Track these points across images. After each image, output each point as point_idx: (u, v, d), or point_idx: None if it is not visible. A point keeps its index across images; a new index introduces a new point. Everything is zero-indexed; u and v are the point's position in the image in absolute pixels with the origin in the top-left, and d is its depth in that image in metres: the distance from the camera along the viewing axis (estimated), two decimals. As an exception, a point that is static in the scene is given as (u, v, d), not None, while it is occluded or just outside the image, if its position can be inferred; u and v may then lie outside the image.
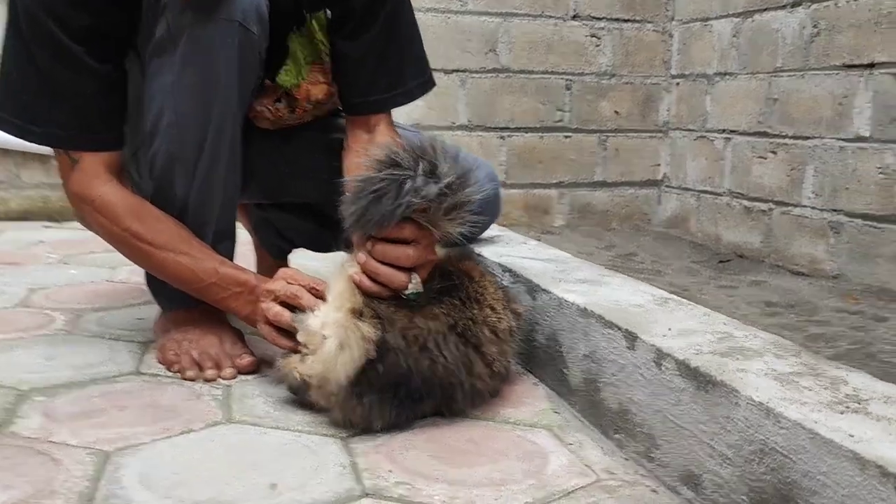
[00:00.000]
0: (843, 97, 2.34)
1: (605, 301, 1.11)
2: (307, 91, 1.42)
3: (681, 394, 0.87)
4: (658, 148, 3.17)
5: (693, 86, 3.00)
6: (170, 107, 1.20)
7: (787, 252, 2.58)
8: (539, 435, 1.06)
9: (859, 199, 2.29)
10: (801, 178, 2.51)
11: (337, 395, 1.01)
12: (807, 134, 2.48)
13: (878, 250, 2.24)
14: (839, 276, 2.37)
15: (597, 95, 3.05)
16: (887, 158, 2.20)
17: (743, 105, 2.75)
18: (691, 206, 3.04)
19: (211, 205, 1.25)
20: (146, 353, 1.34)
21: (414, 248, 1.06)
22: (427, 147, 1.03)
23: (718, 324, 1.00)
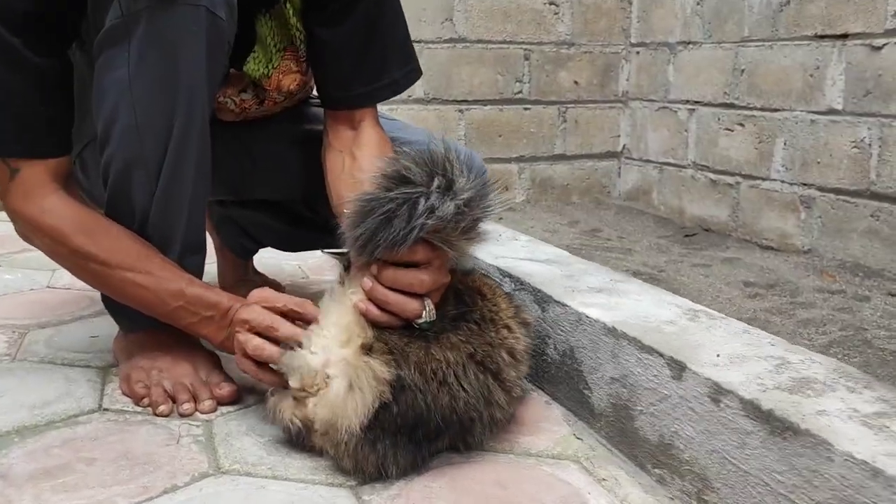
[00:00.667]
0: (815, 69, 2.28)
1: (632, 318, 1.01)
2: (278, 81, 1.27)
3: (747, 437, 0.78)
4: (617, 119, 3.09)
5: (654, 55, 2.91)
6: (126, 106, 1.03)
7: (756, 226, 2.54)
8: (569, 471, 0.96)
9: (831, 173, 2.25)
10: (771, 151, 2.46)
11: (347, 444, 0.89)
12: (776, 106, 2.43)
13: (852, 225, 2.21)
14: (810, 252, 2.34)
15: (556, 65, 2.94)
16: (861, 132, 2.16)
17: (708, 75, 2.68)
18: (653, 179, 2.97)
19: (177, 216, 1.10)
20: (108, 381, 1.19)
21: (427, 271, 0.94)
22: (440, 158, 0.90)
23: (765, 345, 0.92)
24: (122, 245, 1.07)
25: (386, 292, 0.93)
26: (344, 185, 1.15)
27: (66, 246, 1.07)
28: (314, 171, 1.41)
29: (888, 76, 2.06)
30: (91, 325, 1.45)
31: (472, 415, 0.94)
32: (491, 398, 0.97)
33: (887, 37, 2.06)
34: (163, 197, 1.08)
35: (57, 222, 1.07)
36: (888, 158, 2.08)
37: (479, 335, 0.97)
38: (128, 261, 1.06)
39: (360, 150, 1.20)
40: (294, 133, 1.41)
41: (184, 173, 1.07)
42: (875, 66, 2.10)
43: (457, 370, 0.92)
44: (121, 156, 1.06)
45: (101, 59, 1.03)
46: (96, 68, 1.05)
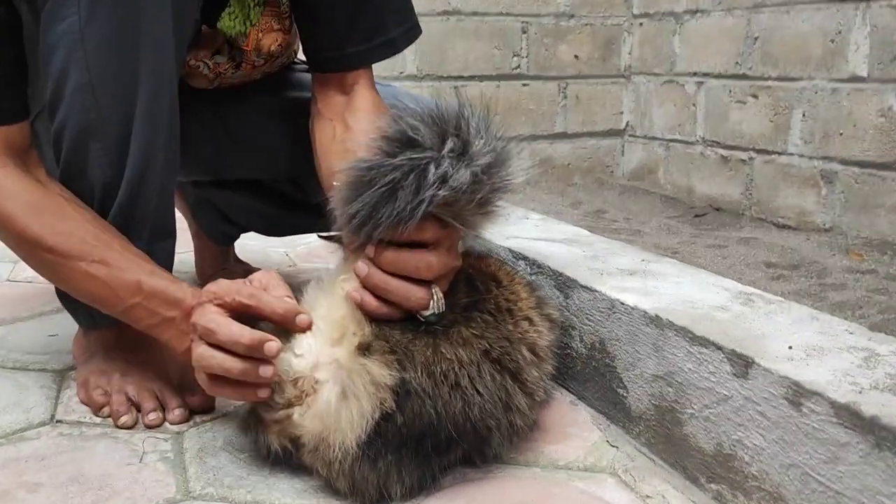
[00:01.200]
0: (837, 33, 2.13)
1: (676, 304, 0.86)
2: (257, 41, 1.11)
3: (841, 450, 0.63)
4: (620, 95, 2.94)
5: (659, 26, 2.75)
6: (78, 62, 0.86)
7: (772, 204, 2.39)
8: (606, 487, 0.81)
9: (855, 144, 2.10)
10: (788, 124, 2.30)
11: (342, 462, 0.73)
12: (793, 75, 2.27)
13: (879, 200, 2.06)
14: (832, 230, 2.19)
15: (555, 39, 2.78)
16: (888, 99, 2.01)
17: (718, 45, 2.52)
18: (659, 157, 2.82)
19: (144, 194, 0.93)
20: (64, 386, 1.03)
21: (435, 252, 0.77)
22: (453, 115, 0.75)
23: (843, 333, 0.76)
24: (75, 229, 0.89)
25: (386, 278, 0.77)
26: (335, 156, 0.99)
27: (13, 230, 0.90)
28: (301, 144, 1.24)
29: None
30: (51, 322, 1.29)
31: (488, 423, 0.79)
32: (510, 403, 0.81)
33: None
34: (129, 173, 0.91)
35: (3, 202, 0.90)
36: (919, 127, 1.94)
37: (494, 328, 0.81)
38: (80, 248, 0.88)
39: (354, 116, 1.03)
40: (276, 102, 1.25)
41: (153, 144, 0.91)
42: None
43: (470, 371, 0.77)
44: (74, 122, 0.89)
45: (48, 6, 0.86)
46: (42, 19, 0.88)
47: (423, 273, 0.77)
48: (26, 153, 0.95)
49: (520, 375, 0.83)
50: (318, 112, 1.07)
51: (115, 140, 0.90)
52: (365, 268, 0.77)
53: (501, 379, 0.80)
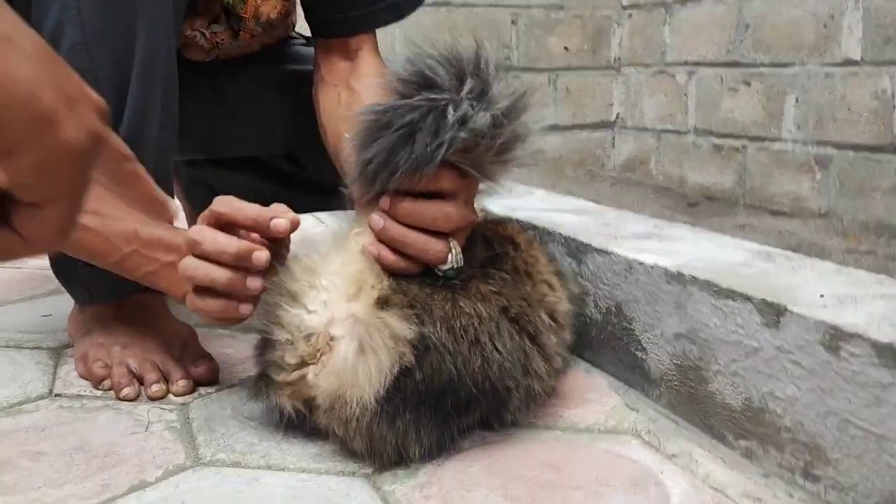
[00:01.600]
0: (829, 17, 2.13)
1: (697, 261, 0.84)
2: (255, 8, 1.08)
3: (883, 391, 0.61)
4: (610, 86, 2.92)
5: (648, 16, 2.75)
6: (73, 19, 0.84)
7: (766, 191, 2.38)
8: (630, 447, 0.79)
9: (850, 128, 2.10)
10: (781, 110, 2.30)
11: (359, 420, 0.70)
12: (786, 61, 2.27)
13: (874, 183, 2.06)
14: (828, 214, 2.19)
15: (545, 30, 2.76)
16: (882, 82, 2.01)
17: (709, 34, 2.52)
18: (650, 147, 2.81)
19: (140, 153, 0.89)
20: (61, 363, 1.00)
21: (453, 203, 0.75)
22: (471, 57, 0.72)
23: (871, 283, 0.75)
24: None
25: (403, 230, 0.74)
26: (342, 122, 0.97)
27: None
28: (300, 118, 1.22)
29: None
30: (43, 304, 1.25)
31: (507, 382, 0.76)
32: (528, 365, 0.79)
33: (910, -23, 1.91)
34: (124, 132, 0.88)
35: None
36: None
37: (513, 287, 0.79)
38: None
39: (359, 81, 1.01)
40: (275, 75, 1.22)
41: (149, 103, 0.88)
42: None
43: (490, 327, 0.74)
44: None
45: None
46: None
47: (441, 224, 0.74)
48: None
49: (538, 339, 0.80)
50: (322, 79, 1.04)
51: (111, 99, 0.87)
52: (380, 220, 0.74)
53: (520, 340, 0.78)
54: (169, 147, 0.95)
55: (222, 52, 1.15)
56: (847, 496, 0.65)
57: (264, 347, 0.76)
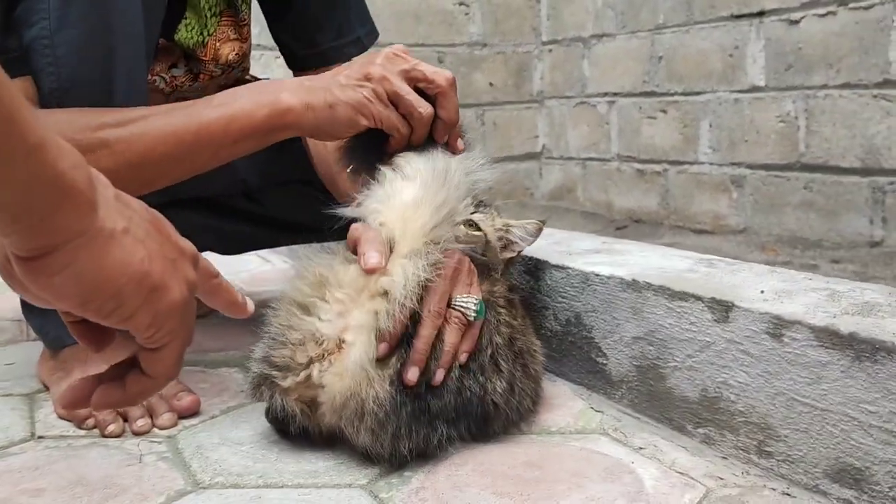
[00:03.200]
0: (734, 48, 2.30)
1: (648, 270, 0.92)
2: (214, 50, 1.12)
3: (824, 369, 0.69)
4: (535, 119, 3.05)
5: (568, 51, 2.89)
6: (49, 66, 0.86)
7: (688, 211, 2.53)
8: (601, 443, 0.86)
9: (760, 150, 2.27)
10: (696, 135, 2.46)
11: (371, 416, 0.76)
12: (698, 89, 2.43)
13: (785, 199, 2.22)
14: (746, 230, 2.34)
15: (470, 67, 2.88)
16: (786, 106, 2.18)
17: (625, 66, 2.67)
18: (576, 176, 2.94)
19: None
20: (37, 408, 1.00)
21: (439, 292, 0.81)
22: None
23: (803, 280, 0.84)
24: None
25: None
26: (333, 152, 1.03)
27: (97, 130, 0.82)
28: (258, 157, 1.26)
29: (808, 48, 2.09)
30: (2, 353, 1.25)
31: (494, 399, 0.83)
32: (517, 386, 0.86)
33: (804, 10, 2.09)
34: None
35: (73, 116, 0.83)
36: (816, 129, 2.10)
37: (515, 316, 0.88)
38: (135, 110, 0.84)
39: None
40: (231, 116, 1.26)
41: None
42: (794, 39, 2.12)
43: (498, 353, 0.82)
44: None
45: (18, 11, 0.86)
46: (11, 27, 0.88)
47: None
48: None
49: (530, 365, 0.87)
50: None
51: None
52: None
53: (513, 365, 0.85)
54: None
55: (180, 96, 1.19)
56: (798, 467, 0.73)
57: (270, 350, 0.80)
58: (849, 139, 2.02)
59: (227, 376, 1.11)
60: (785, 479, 0.74)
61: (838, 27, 2.00)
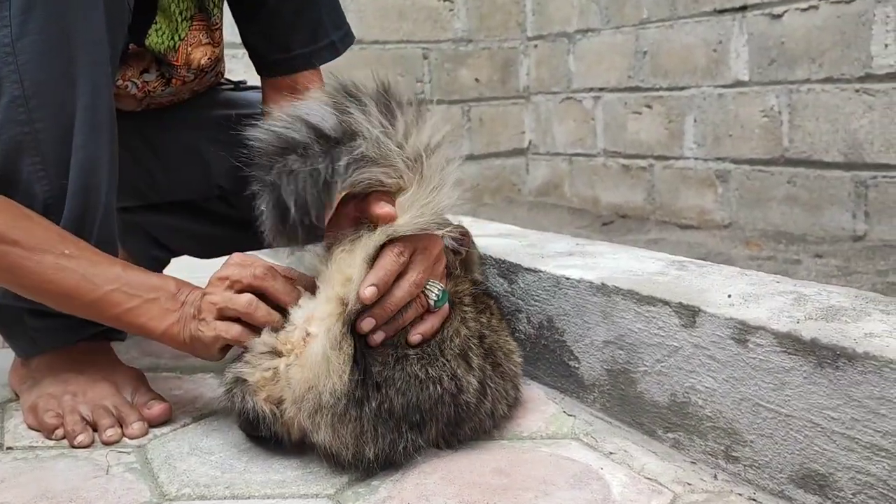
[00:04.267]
0: (718, 43, 2.29)
1: (618, 273, 0.91)
2: (186, 55, 1.11)
3: (787, 375, 0.69)
4: (521, 115, 3.05)
5: (553, 46, 2.88)
6: (11, 74, 0.86)
7: (674, 206, 2.53)
8: (571, 449, 0.85)
9: (744, 144, 2.27)
10: (681, 130, 2.46)
11: (325, 411, 0.75)
12: (682, 84, 2.43)
13: (769, 194, 2.22)
14: (731, 225, 2.34)
15: (455, 63, 2.87)
16: (769, 100, 2.17)
17: (610, 61, 2.67)
18: (563, 171, 2.94)
19: (89, 207, 0.92)
20: (7, 417, 1.00)
21: (413, 269, 0.81)
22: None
23: (770, 283, 0.84)
24: (37, 225, 0.87)
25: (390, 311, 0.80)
26: None
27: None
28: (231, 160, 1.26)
29: (791, 42, 2.09)
30: (-23, 361, 1.24)
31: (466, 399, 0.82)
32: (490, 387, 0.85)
33: (786, 4, 2.08)
34: (73, 186, 0.90)
35: None
36: (799, 124, 2.10)
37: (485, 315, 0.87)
38: (47, 241, 0.86)
39: None
40: (204, 119, 1.25)
41: (96, 155, 0.91)
42: (777, 34, 2.12)
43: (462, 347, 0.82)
44: (7, 137, 0.87)
45: None
46: None
47: (415, 291, 0.81)
48: None
49: (502, 365, 0.87)
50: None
51: (52, 153, 0.89)
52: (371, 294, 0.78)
53: (484, 364, 0.84)
54: (114, 193, 0.98)
55: (153, 101, 1.18)
56: (763, 472, 0.73)
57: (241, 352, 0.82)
58: (832, 133, 2.02)
59: (202, 382, 1.10)
60: (751, 484, 0.74)
61: (820, 21, 2.00)
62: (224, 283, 0.85)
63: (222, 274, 0.86)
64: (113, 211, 0.97)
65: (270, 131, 0.81)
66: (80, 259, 0.86)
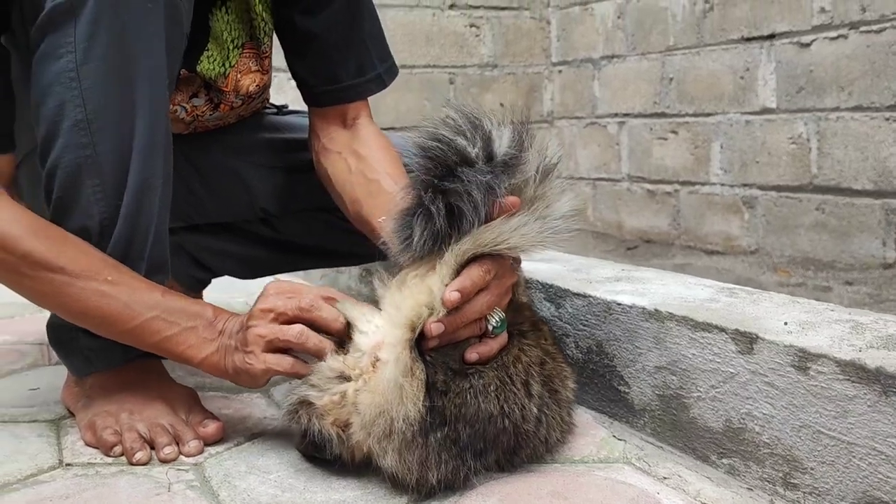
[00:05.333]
0: (745, 70, 2.32)
1: (670, 300, 0.93)
2: (235, 81, 1.14)
3: (850, 403, 0.70)
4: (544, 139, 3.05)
5: (578, 72, 2.91)
6: (75, 99, 0.88)
7: (699, 232, 2.54)
8: (625, 473, 0.86)
9: (772, 171, 2.28)
10: (708, 156, 2.47)
11: (395, 437, 0.77)
12: (709, 110, 2.45)
13: (798, 220, 2.23)
14: (758, 251, 2.35)
15: (481, 88, 2.90)
16: (798, 127, 2.19)
17: (636, 87, 2.69)
18: (587, 196, 2.95)
19: (142, 232, 0.94)
20: (63, 434, 1.01)
21: (489, 291, 0.82)
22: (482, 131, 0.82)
23: (825, 311, 0.85)
24: (82, 252, 0.90)
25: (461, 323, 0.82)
26: (358, 187, 1.04)
27: (15, 252, 0.88)
28: (274, 184, 1.28)
29: (819, 71, 2.11)
30: (25, 378, 1.26)
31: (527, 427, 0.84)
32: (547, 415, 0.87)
33: (815, 33, 2.11)
34: (127, 211, 0.92)
35: (5, 226, 0.88)
36: (828, 151, 2.12)
37: (544, 344, 0.89)
38: (90, 267, 0.88)
39: (364, 147, 1.09)
40: (249, 143, 1.28)
41: (151, 177, 0.93)
42: (805, 62, 2.14)
43: (524, 377, 0.84)
44: (69, 160, 0.90)
45: (42, 47, 0.88)
46: (35, 60, 0.89)
47: (486, 311, 0.82)
48: (11, 186, 0.95)
49: (560, 392, 0.88)
50: (324, 147, 1.11)
51: (111, 176, 0.91)
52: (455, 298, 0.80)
53: (543, 391, 0.86)
54: (166, 216, 1.00)
55: (200, 125, 1.21)
56: (824, 499, 0.74)
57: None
58: (861, 161, 2.03)
59: (249, 402, 1.12)
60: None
61: (850, 50, 2.01)
62: (269, 314, 0.86)
63: (266, 306, 0.86)
64: (165, 233, 0.99)
65: (451, 142, 0.81)
66: (122, 285, 0.88)
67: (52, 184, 0.92)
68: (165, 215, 0.99)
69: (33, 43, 0.89)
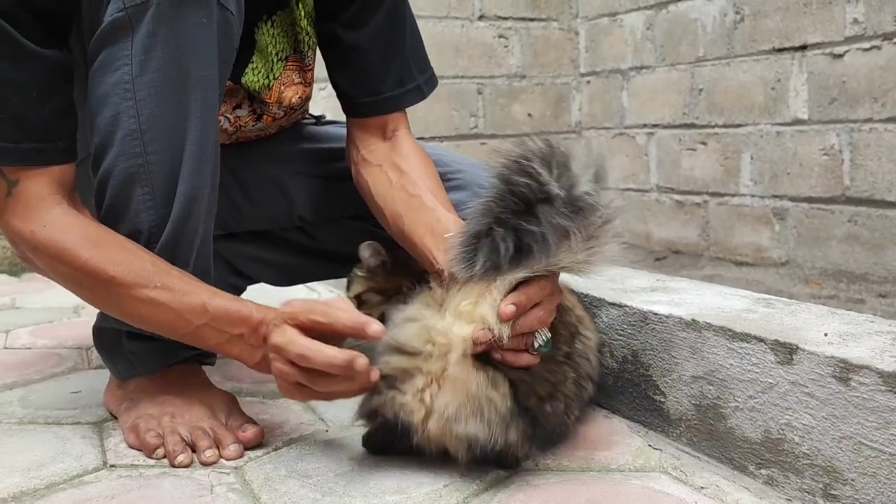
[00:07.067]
0: (776, 81, 2.31)
1: (707, 310, 0.93)
2: (279, 93, 1.16)
3: (892, 414, 0.70)
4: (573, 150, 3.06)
5: (606, 82, 2.92)
6: (129, 110, 0.91)
7: (729, 243, 2.52)
8: (662, 482, 0.86)
9: (803, 182, 2.26)
10: (737, 167, 2.46)
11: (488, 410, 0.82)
12: (739, 121, 2.44)
13: (829, 232, 2.21)
14: (788, 263, 2.33)
15: (509, 99, 2.91)
16: (830, 139, 2.18)
17: (665, 98, 2.69)
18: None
19: (188, 239, 0.97)
20: (106, 436, 1.03)
21: (542, 307, 0.85)
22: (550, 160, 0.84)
23: (865, 322, 0.85)
24: (133, 259, 0.92)
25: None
26: (400, 202, 1.05)
27: (72, 263, 0.91)
28: (312, 192, 1.30)
29: (852, 82, 2.09)
30: (66, 381, 1.28)
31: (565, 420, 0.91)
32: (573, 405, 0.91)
33: (848, 44, 2.09)
34: (176, 219, 0.95)
35: (60, 237, 0.92)
36: (861, 163, 2.10)
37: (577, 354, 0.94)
38: (141, 275, 0.90)
39: (404, 161, 1.10)
40: (288, 153, 1.30)
41: (200, 187, 0.95)
42: (838, 73, 2.13)
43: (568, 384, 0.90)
44: (121, 168, 0.92)
45: (100, 59, 0.90)
46: (92, 72, 0.92)
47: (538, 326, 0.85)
48: (73, 193, 0.98)
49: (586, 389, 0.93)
50: (364, 159, 1.13)
51: (161, 184, 0.94)
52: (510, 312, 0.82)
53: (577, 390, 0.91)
54: (212, 225, 1.02)
55: (242, 135, 1.23)
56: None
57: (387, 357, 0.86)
58: (894, 173, 2.02)
59: (286, 407, 1.13)
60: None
61: (883, 61, 2.00)
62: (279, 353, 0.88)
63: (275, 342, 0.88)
64: (210, 240, 1.01)
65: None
66: (171, 291, 0.90)
67: (104, 191, 0.95)
68: (210, 224, 1.01)
69: (91, 55, 0.92)
